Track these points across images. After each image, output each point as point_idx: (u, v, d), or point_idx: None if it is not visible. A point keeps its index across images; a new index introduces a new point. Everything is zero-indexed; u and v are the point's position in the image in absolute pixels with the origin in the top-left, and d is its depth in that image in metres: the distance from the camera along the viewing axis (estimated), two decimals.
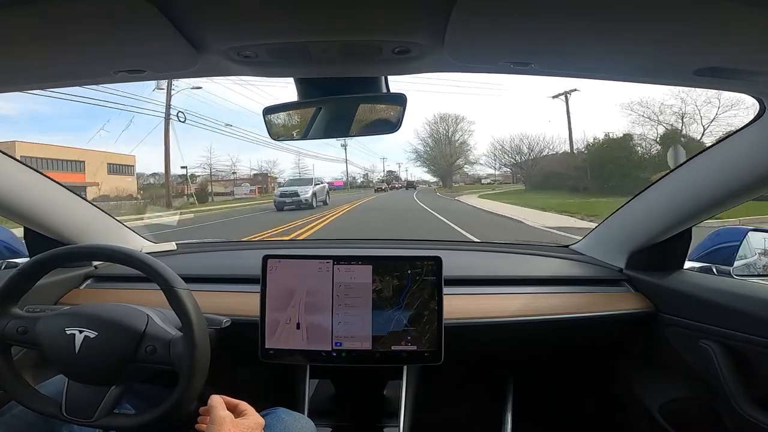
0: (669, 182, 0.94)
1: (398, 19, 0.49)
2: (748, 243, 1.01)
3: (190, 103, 40.26)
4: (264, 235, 6.76)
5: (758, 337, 0.78)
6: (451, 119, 35.89)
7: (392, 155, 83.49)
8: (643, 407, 1.07)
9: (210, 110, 42.03)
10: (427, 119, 39.64)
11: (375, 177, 43.75)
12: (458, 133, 35.82)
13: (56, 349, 0.67)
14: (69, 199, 1.08)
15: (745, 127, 0.73)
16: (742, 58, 0.53)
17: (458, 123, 35.79)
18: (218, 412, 0.63)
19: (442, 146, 35.94)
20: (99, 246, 0.79)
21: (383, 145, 73.09)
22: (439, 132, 36.40)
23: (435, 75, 19.12)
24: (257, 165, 38.73)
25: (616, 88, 62.47)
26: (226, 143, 59.78)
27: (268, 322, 0.92)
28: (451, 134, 35.78)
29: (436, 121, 36.60)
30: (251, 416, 0.66)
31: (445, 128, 36.06)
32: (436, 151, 36.34)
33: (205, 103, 53.60)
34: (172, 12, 0.45)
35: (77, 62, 0.58)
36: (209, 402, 0.66)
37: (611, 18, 0.45)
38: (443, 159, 35.72)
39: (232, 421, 0.63)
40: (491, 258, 1.31)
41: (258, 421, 0.66)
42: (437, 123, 36.68)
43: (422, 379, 1.01)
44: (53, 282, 1.04)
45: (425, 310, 0.91)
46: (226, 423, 0.62)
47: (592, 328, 1.04)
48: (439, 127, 36.43)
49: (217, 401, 0.65)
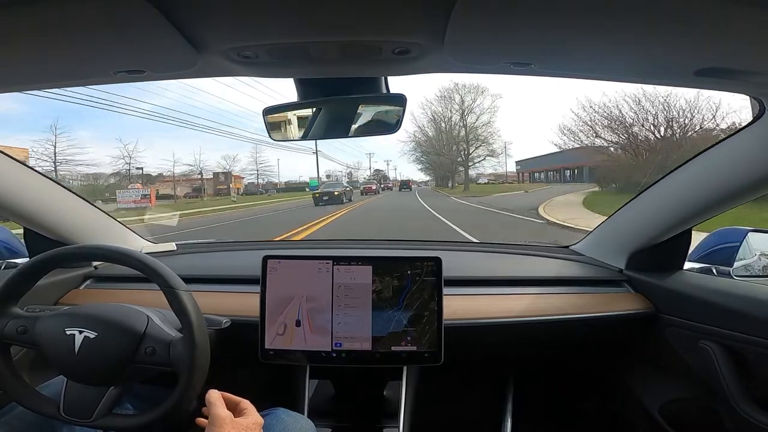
0: (669, 183, 0.94)
1: (398, 19, 0.49)
2: (747, 243, 1.01)
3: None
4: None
5: (758, 338, 0.78)
6: (468, 90, 26.32)
7: (380, 152, 77.42)
8: (643, 407, 1.07)
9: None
10: (426, 99, 30.29)
11: (361, 176, 37.36)
12: (476, 113, 26.33)
13: (56, 349, 0.66)
14: (69, 200, 1.08)
15: (746, 127, 0.73)
16: (742, 59, 0.53)
17: (478, 95, 26.22)
18: (217, 411, 0.62)
19: (449, 131, 27.11)
20: (99, 246, 0.79)
21: (370, 141, 66.30)
22: (448, 113, 26.98)
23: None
24: (211, 162, 35.21)
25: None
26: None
27: (267, 323, 0.92)
28: (467, 112, 26.27)
29: (444, 96, 27.15)
30: (251, 415, 0.66)
31: (457, 106, 26.65)
32: (442, 138, 27.91)
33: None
34: (172, 12, 0.44)
35: (77, 62, 0.58)
36: (207, 398, 0.65)
37: (612, 18, 0.45)
38: (450, 149, 27.19)
39: (232, 421, 0.62)
40: (491, 258, 1.31)
41: (257, 420, 0.66)
42: (446, 100, 27.14)
43: (422, 380, 1.01)
44: (53, 282, 1.04)
45: (425, 310, 0.91)
46: (226, 424, 0.61)
47: (592, 328, 1.04)
48: (449, 105, 26.87)
49: (215, 397, 0.64)
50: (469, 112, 26.79)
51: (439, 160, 29.00)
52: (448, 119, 27.77)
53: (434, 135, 28.83)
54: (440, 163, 29.27)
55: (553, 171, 27.43)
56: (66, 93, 14.46)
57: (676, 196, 0.92)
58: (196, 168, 27.49)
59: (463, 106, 26.89)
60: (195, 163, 27.71)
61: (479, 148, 26.88)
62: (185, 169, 27.43)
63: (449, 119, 27.74)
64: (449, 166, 28.50)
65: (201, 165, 27.69)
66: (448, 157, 27.84)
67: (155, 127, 54.76)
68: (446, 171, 29.60)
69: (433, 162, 30.51)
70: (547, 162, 27.32)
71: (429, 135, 28.86)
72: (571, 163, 22.85)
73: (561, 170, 26.30)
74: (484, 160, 27.63)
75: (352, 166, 41.12)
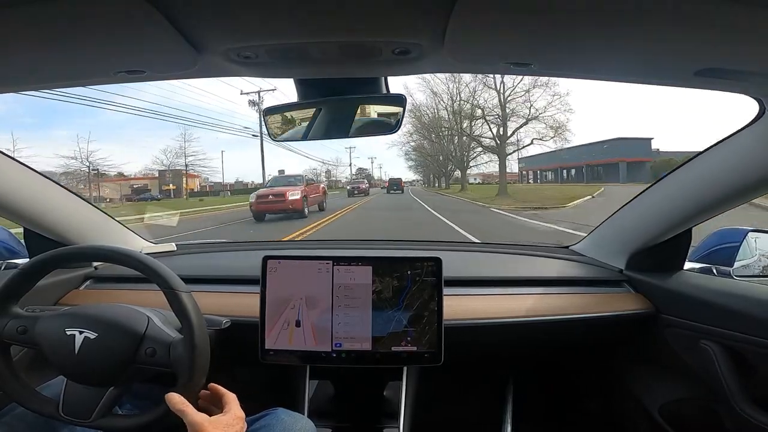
0: (669, 183, 0.94)
1: (398, 19, 0.49)
2: (748, 244, 1.01)
3: None
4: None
5: (758, 338, 0.78)
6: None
7: (363, 148, 67.58)
8: (643, 407, 1.07)
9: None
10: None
11: (342, 175, 31.52)
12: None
13: (56, 349, 0.66)
14: (69, 200, 1.08)
15: (745, 127, 0.73)
16: (742, 59, 0.53)
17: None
18: (191, 418, 0.60)
19: (456, 110, 19.61)
20: (99, 247, 0.79)
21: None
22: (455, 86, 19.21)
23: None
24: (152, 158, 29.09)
25: None
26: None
27: (267, 323, 0.92)
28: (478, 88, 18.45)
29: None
30: (231, 410, 0.65)
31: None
32: (441, 124, 20.89)
33: None
34: (172, 12, 0.45)
35: (77, 63, 0.58)
36: (172, 407, 0.62)
37: (612, 19, 0.45)
38: (451, 137, 20.28)
39: (211, 423, 0.61)
40: (491, 259, 1.31)
41: (238, 415, 0.65)
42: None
43: (422, 380, 1.01)
44: (53, 282, 1.04)
45: (425, 311, 0.91)
46: (204, 428, 0.60)
47: (592, 328, 1.04)
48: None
49: (181, 403, 0.62)
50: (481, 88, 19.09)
51: (439, 145, 22.61)
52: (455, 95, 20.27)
53: (431, 118, 22.03)
54: (435, 153, 23.78)
55: (569, 169, 23.31)
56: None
57: (676, 196, 0.92)
58: (79, 160, 21.78)
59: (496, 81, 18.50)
60: (78, 155, 21.89)
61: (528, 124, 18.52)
62: (63, 164, 21.49)
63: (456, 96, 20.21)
64: (442, 162, 24.09)
65: (89, 157, 21.92)
66: (457, 145, 21.24)
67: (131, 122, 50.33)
68: (440, 167, 25.44)
69: (425, 154, 25.04)
70: (559, 158, 22.66)
71: (422, 120, 22.06)
72: (603, 159, 19.00)
73: (585, 167, 22.08)
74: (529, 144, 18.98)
75: (330, 161, 35.30)
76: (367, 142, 77.05)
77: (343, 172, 34.79)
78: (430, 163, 27.46)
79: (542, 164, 28.31)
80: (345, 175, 34.74)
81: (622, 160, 18.08)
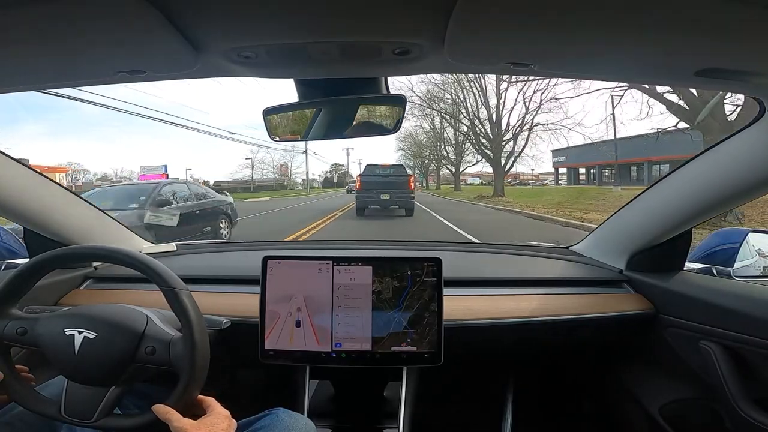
0: (669, 183, 0.94)
1: (398, 20, 0.49)
2: (748, 244, 1.01)
3: None
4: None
5: (758, 339, 0.78)
6: None
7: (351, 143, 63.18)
8: (643, 408, 1.07)
9: None
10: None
11: (320, 173, 27.61)
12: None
13: (56, 349, 0.66)
14: (68, 200, 1.08)
15: (746, 128, 0.73)
16: (742, 59, 0.53)
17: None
18: (177, 424, 0.61)
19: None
20: (98, 247, 0.79)
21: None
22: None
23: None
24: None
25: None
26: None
27: (267, 324, 0.92)
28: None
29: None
30: (215, 410, 0.65)
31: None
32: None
33: None
34: (172, 12, 0.45)
35: (77, 63, 0.58)
36: (160, 416, 0.63)
37: (612, 19, 0.45)
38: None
39: (193, 425, 0.61)
40: (491, 259, 1.31)
41: (223, 413, 0.65)
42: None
43: (422, 380, 1.01)
44: (53, 283, 1.04)
45: (425, 311, 0.91)
46: (187, 430, 0.60)
47: (592, 329, 1.04)
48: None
49: (165, 410, 0.63)
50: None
51: (433, 133, 20.55)
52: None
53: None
54: (425, 145, 20.93)
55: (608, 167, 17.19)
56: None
57: (677, 196, 0.92)
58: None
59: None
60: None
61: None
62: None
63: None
64: (429, 157, 21.43)
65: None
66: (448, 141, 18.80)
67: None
68: (431, 161, 22.33)
69: (416, 148, 22.74)
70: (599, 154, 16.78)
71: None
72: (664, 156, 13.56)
73: (648, 163, 16.47)
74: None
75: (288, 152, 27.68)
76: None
77: (299, 166, 28.73)
78: (424, 156, 24.88)
79: (581, 160, 21.11)
80: (319, 173, 28.93)
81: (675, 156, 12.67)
